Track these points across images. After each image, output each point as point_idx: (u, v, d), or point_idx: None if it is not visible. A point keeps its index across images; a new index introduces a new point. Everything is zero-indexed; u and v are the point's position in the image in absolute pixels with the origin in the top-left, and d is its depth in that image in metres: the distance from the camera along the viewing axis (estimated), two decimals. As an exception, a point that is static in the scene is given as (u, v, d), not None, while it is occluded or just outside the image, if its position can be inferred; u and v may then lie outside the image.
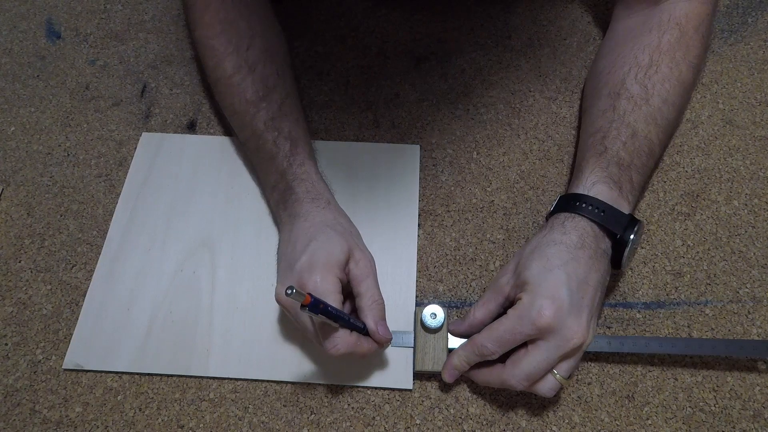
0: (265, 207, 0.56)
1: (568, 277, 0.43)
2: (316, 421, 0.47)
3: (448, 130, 0.61)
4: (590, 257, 0.44)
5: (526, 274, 0.44)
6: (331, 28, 0.68)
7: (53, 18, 0.70)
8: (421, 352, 0.47)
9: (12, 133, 0.62)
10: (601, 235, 0.45)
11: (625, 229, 0.45)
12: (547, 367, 0.42)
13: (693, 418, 0.46)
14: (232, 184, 0.57)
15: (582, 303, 0.42)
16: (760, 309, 0.51)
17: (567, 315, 0.41)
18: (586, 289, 0.43)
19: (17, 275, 0.54)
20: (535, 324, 0.41)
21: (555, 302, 0.41)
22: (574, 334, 0.41)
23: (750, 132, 0.60)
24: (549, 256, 0.44)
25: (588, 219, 0.45)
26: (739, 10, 0.68)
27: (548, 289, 0.42)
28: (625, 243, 0.45)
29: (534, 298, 0.42)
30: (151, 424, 0.47)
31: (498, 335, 0.43)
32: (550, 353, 0.42)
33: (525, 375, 0.42)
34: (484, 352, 0.43)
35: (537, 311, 0.41)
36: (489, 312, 0.46)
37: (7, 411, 0.48)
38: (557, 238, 0.45)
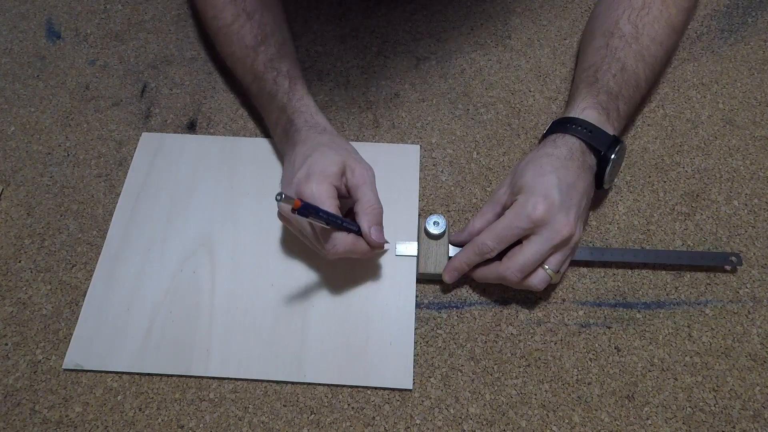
0: (265, 207, 0.56)
1: (559, 180, 0.48)
2: (316, 421, 0.47)
3: (448, 130, 0.61)
4: (578, 167, 0.49)
5: (521, 181, 0.49)
6: (331, 28, 0.68)
7: (53, 18, 0.70)
8: (424, 256, 0.51)
9: (12, 133, 0.62)
10: (588, 152, 0.50)
11: (609, 148, 0.50)
12: (539, 258, 0.47)
13: (693, 418, 0.46)
14: (232, 184, 0.57)
15: (570, 202, 0.47)
16: (760, 309, 0.51)
17: (557, 210, 0.46)
18: (574, 192, 0.48)
19: (17, 275, 0.54)
20: (529, 217, 0.46)
21: (547, 199, 0.46)
22: (563, 227, 0.46)
23: (750, 132, 0.60)
24: (542, 165, 0.49)
25: (576, 137, 0.50)
26: (739, 10, 0.68)
27: (541, 189, 0.47)
28: (608, 160, 0.50)
29: (528, 197, 0.47)
30: (151, 424, 0.47)
31: (496, 232, 0.48)
32: (542, 245, 0.46)
33: (519, 267, 0.47)
34: (483, 249, 0.48)
35: (531, 207, 0.46)
36: (487, 221, 0.51)
37: (7, 411, 0.48)
38: (549, 151, 0.50)
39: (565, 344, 0.50)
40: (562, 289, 0.52)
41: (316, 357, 0.49)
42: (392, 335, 0.49)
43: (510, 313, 0.51)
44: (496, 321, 0.51)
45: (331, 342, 0.49)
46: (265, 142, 0.60)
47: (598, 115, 0.51)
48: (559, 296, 0.52)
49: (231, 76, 0.65)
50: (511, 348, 0.50)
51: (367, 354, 0.49)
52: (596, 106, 0.51)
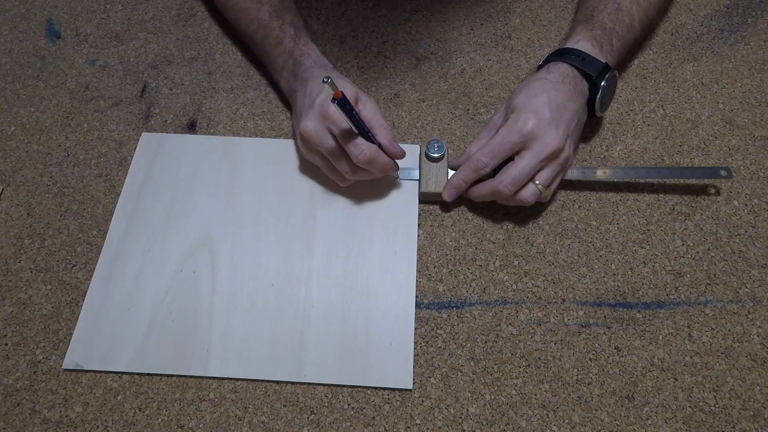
0: (265, 206, 0.56)
1: (550, 100, 0.51)
2: (316, 421, 0.47)
3: (448, 130, 0.61)
4: (569, 90, 0.52)
5: (514, 102, 0.52)
6: (331, 28, 0.68)
7: (53, 18, 0.70)
8: (425, 177, 0.55)
9: (12, 133, 0.62)
10: (580, 77, 0.54)
11: (600, 74, 0.53)
12: (530, 172, 0.50)
13: (693, 418, 0.46)
14: (232, 184, 0.57)
15: (560, 119, 0.51)
16: (760, 309, 0.51)
17: (547, 125, 0.50)
18: (564, 112, 0.51)
19: (17, 275, 0.54)
20: (520, 132, 0.49)
21: (537, 115, 0.50)
22: (552, 140, 0.49)
23: (750, 132, 0.60)
24: (534, 87, 0.52)
25: (569, 64, 0.54)
26: (739, 10, 0.68)
27: (532, 107, 0.50)
28: (599, 86, 0.53)
29: (520, 113, 0.50)
30: (151, 424, 0.47)
31: (490, 148, 0.51)
32: (533, 159, 0.49)
33: (511, 180, 0.50)
34: (479, 165, 0.51)
35: (522, 122, 0.50)
36: (483, 145, 0.53)
37: (7, 411, 0.48)
38: (542, 76, 0.54)
39: (565, 344, 0.50)
40: (562, 289, 0.52)
41: (316, 357, 0.49)
42: (392, 335, 0.49)
43: (510, 313, 0.51)
44: (496, 321, 0.51)
45: (331, 342, 0.49)
46: (266, 141, 0.60)
47: (591, 46, 0.54)
48: (559, 296, 0.52)
49: (229, 75, 0.65)
50: (511, 348, 0.50)
51: (367, 354, 0.49)
52: (590, 38, 0.55)
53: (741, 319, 0.50)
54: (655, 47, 0.66)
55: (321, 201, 0.56)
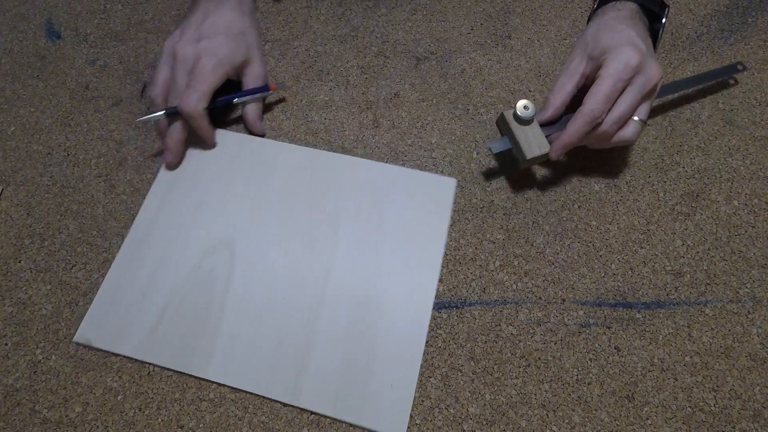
0: (291, 217, 0.55)
1: (636, 32, 0.50)
2: (316, 421, 0.47)
3: (448, 130, 0.61)
4: (641, 23, 0.53)
5: (600, 44, 0.50)
6: (331, 28, 0.68)
7: (53, 18, 0.70)
8: (525, 142, 0.52)
9: (12, 133, 0.62)
10: (642, 13, 0.54)
11: (660, 9, 0.54)
12: (632, 108, 0.49)
13: (693, 418, 0.47)
14: (264, 187, 0.57)
15: (650, 49, 0.51)
16: (760, 309, 0.51)
17: (648, 57, 0.49)
18: (648, 41, 0.51)
19: (17, 275, 0.54)
20: (629, 65, 0.48)
21: (636, 48, 0.48)
22: (656, 72, 0.49)
23: (750, 132, 0.60)
24: (614, 26, 0.51)
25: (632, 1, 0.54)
26: (739, 10, 0.68)
27: (626, 41, 0.49)
28: (660, 20, 0.54)
29: (618, 50, 0.48)
30: (151, 424, 0.47)
31: (605, 93, 0.48)
32: (636, 95, 0.48)
33: (615, 119, 0.49)
34: (595, 114, 0.48)
35: (627, 56, 0.48)
36: (567, 93, 0.52)
37: (7, 411, 0.48)
38: (614, 15, 0.53)
39: (565, 344, 0.50)
40: (562, 289, 0.52)
41: (313, 382, 0.48)
42: (395, 377, 0.48)
43: (510, 313, 0.51)
44: (496, 321, 0.51)
45: (332, 370, 0.48)
46: (304, 150, 0.59)
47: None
48: (559, 296, 0.52)
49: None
50: (511, 348, 0.50)
51: (366, 391, 0.47)
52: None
53: (741, 319, 0.50)
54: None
55: (347, 221, 0.54)
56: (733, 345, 0.49)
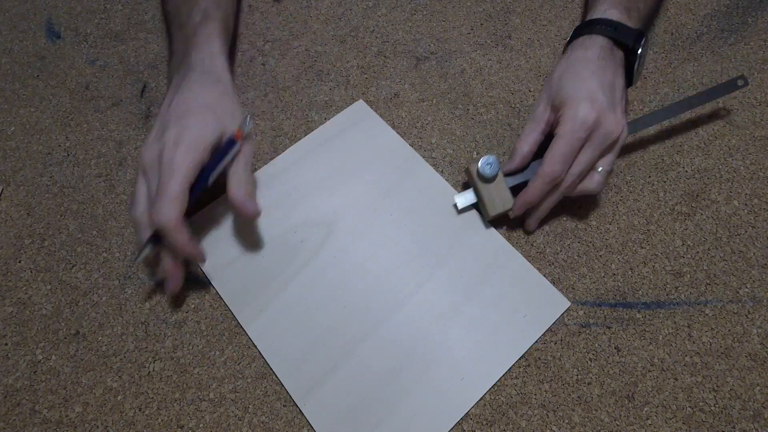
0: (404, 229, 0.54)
1: (600, 83, 0.49)
2: (316, 421, 0.47)
3: (448, 130, 0.61)
4: (611, 65, 0.51)
5: (562, 93, 0.49)
6: (331, 28, 0.68)
7: (53, 18, 0.70)
8: (488, 198, 0.52)
9: (12, 133, 0.62)
10: (616, 48, 0.52)
11: (635, 41, 0.51)
12: (591, 163, 0.49)
13: (693, 418, 0.47)
14: (391, 197, 0.56)
15: (614, 101, 0.49)
16: (760, 309, 0.51)
17: (607, 111, 0.48)
18: (614, 91, 0.50)
19: (17, 275, 0.54)
20: (584, 124, 0.47)
21: (595, 103, 0.48)
22: (615, 127, 0.48)
23: (750, 132, 0.60)
24: (578, 71, 0.50)
25: (603, 35, 0.51)
26: (739, 10, 0.68)
27: (586, 94, 0.48)
28: (636, 53, 0.51)
29: (577, 105, 0.48)
30: (151, 424, 0.47)
31: (561, 153, 0.48)
32: (594, 150, 0.48)
33: (576, 173, 0.48)
34: (554, 176, 0.48)
35: (583, 114, 0.47)
36: (533, 142, 0.51)
37: (7, 411, 0.48)
38: (581, 55, 0.51)
39: (565, 344, 0.50)
40: (562, 289, 0.52)
41: (326, 399, 0.47)
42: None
43: (510, 313, 0.51)
44: (496, 321, 0.51)
45: (349, 399, 0.47)
46: (440, 180, 0.57)
47: (619, 14, 0.53)
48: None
49: (231, 76, 0.65)
50: (511, 348, 0.50)
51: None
52: (617, 5, 0.53)
53: (741, 319, 0.50)
54: (655, 47, 0.66)
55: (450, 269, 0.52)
56: (733, 345, 0.49)
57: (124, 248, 0.55)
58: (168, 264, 0.48)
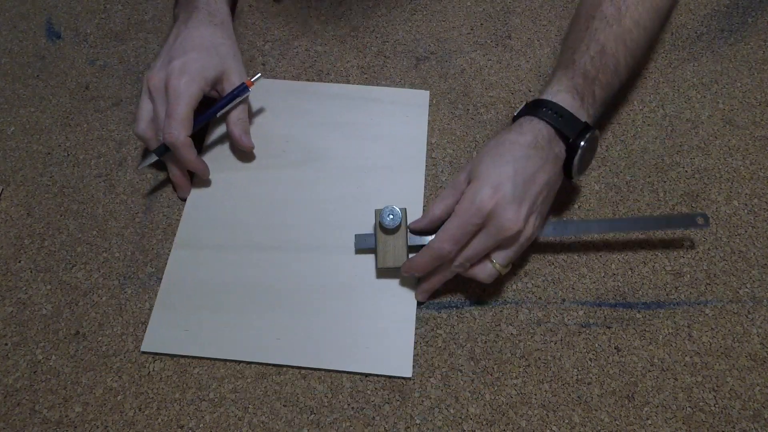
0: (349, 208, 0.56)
1: (515, 172, 0.46)
2: (316, 421, 0.47)
3: (448, 130, 0.61)
4: (541, 158, 0.47)
5: (477, 169, 0.47)
6: (331, 28, 0.68)
7: (53, 18, 0.70)
8: (383, 250, 0.50)
9: (12, 133, 0.62)
10: (556, 139, 0.48)
11: (578, 135, 0.48)
12: (483, 251, 0.46)
13: (693, 418, 0.46)
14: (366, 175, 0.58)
15: (524, 196, 0.46)
16: (760, 309, 0.51)
17: (508, 204, 0.45)
18: (530, 186, 0.46)
19: (17, 275, 0.54)
20: (479, 211, 0.45)
21: (497, 192, 0.45)
22: (511, 224, 0.45)
23: (750, 132, 0.60)
24: (501, 153, 0.47)
25: (545, 121, 0.48)
26: (739, 10, 0.68)
27: (494, 180, 0.45)
28: (576, 148, 0.48)
29: (479, 187, 0.46)
30: (151, 424, 0.47)
31: (451, 234, 0.46)
32: (488, 240, 0.46)
33: (464, 258, 0.46)
34: (442, 254, 0.46)
35: (479, 200, 0.45)
36: (447, 207, 0.48)
37: (7, 411, 0.48)
38: (513, 137, 0.48)
39: (565, 344, 0.50)
40: (562, 289, 0.52)
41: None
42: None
43: (510, 313, 0.51)
44: (496, 321, 0.51)
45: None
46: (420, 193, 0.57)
47: (572, 99, 0.49)
48: (559, 296, 0.52)
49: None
50: (511, 348, 0.50)
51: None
52: (570, 89, 0.49)
53: (741, 319, 0.50)
54: (655, 47, 0.66)
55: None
56: (733, 345, 0.49)
57: (124, 248, 0.55)
58: (176, 174, 0.55)
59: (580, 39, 0.52)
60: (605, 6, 0.53)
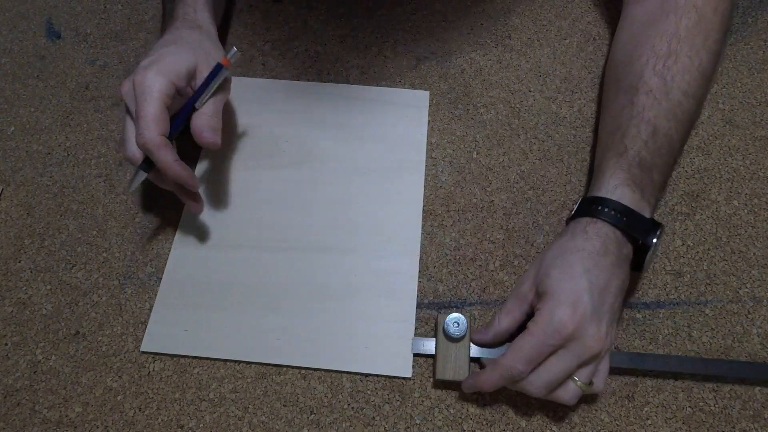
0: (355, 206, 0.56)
1: (590, 284, 0.42)
2: (316, 421, 0.47)
3: (448, 130, 0.61)
4: (612, 264, 0.43)
5: (547, 282, 0.43)
6: (331, 28, 0.68)
7: (53, 18, 0.70)
8: (443, 360, 0.46)
9: (12, 133, 0.62)
10: (624, 241, 0.45)
11: (647, 234, 0.45)
12: (565, 374, 0.42)
13: (693, 418, 0.46)
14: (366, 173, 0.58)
15: (602, 309, 0.42)
16: (760, 309, 0.51)
17: (588, 323, 0.41)
18: (606, 296, 0.43)
19: (17, 275, 0.54)
20: (559, 333, 0.41)
21: (577, 310, 0.41)
22: (594, 342, 0.41)
23: (750, 132, 0.60)
24: (571, 263, 0.43)
25: (611, 224, 0.44)
26: (739, 10, 0.68)
27: (570, 296, 0.42)
28: (648, 247, 0.45)
29: (555, 307, 0.42)
30: (151, 424, 0.47)
31: (525, 354, 0.41)
32: (570, 361, 0.41)
33: (544, 383, 0.42)
34: (513, 373, 0.42)
35: (559, 321, 0.41)
36: (514, 320, 0.46)
37: (7, 411, 0.48)
38: (579, 244, 0.44)
39: (565, 344, 0.50)
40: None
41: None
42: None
43: (510, 313, 0.51)
44: (496, 321, 0.51)
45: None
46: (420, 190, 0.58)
47: (632, 193, 0.45)
48: (559, 296, 0.52)
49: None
50: (511, 348, 0.49)
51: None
52: (629, 182, 0.45)
53: (741, 319, 0.50)
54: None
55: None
56: (733, 345, 0.49)
57: (124, 248, 0.55)
58: (173, 189, 0.50)
59: (628, 118, 0.48)
60: (648, 76, 0.48)
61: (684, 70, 0.48)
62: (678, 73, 0.48)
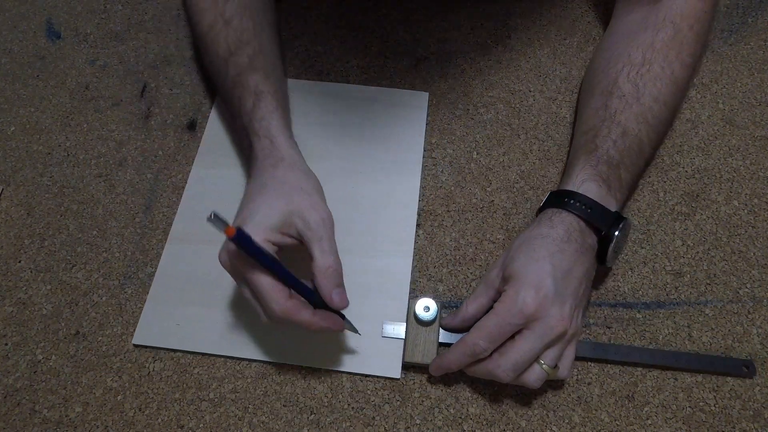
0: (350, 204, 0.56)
1: (554, 267, 0.44)
2: (316, 421, 0.47)
3: (448, 130, 0.61)
4: (576, 251, 0.45)
5: (513, 266, 0.45)
6: (331, 28, 0.68)
7: (53, 18, 0.70)
8: (412, 343, 0.48)
9: (12, 133, 0.62)
10: (588, 231, 0.47)
11: (611, 226, 0.46)
12: (532, 356, 0.43)
13: (693, 418, 0.46)
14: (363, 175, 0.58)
15: (566, 293, 0.44)
16: (760, 309, 0.51)
17: (551, 304, 0.42)
18: (570, 280, 0.44)
19: (17, 275, 0.54)
20: (522, 312, 0.42)
21: (539, 291, 0.42)
22: (557, 322, 0.42)
23: (750, 132, 0.60)
24: (535, 248, 0.45)
25: (575, 215, 0.46)
26: (739, 10, 0.68)
27: (533, 279, 0.43)
28: (610, 239, 0.46)
29: (519, 288, 0.43)
30: (151, 424, 0.47)
31: (488, 332, 0.43)
32: (535, 342, 0.42)
33: (511, 365, 0.43)
34: (476, 350, 0.43)
35: (522, 301, 0.42)
36: (481, 306, 0.47)
37: (7, 411, 0.48)
38: (544, 231, 0.46)
39: (565, 344, 0.50)
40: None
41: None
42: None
43: (510, 313, 0.51)
44: (496, 321, 0.51)
45: None
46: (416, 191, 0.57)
47: (598, 188, 0.47)
48: (559, 296, 0.52)
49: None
50: (511, 348, 0.49)
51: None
52: (596, 178, 0.47)
53: (741, 319, 0.50)
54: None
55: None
56: (733, 345, 0.49)
57: (124, 248, 0.55)
58: (318, 327, 0.43)
59: (600, 120, 0.50)
60: (622, 82, 0.51)
61: (656, 78, 0.51)
62: (650, 81, 0.50)
